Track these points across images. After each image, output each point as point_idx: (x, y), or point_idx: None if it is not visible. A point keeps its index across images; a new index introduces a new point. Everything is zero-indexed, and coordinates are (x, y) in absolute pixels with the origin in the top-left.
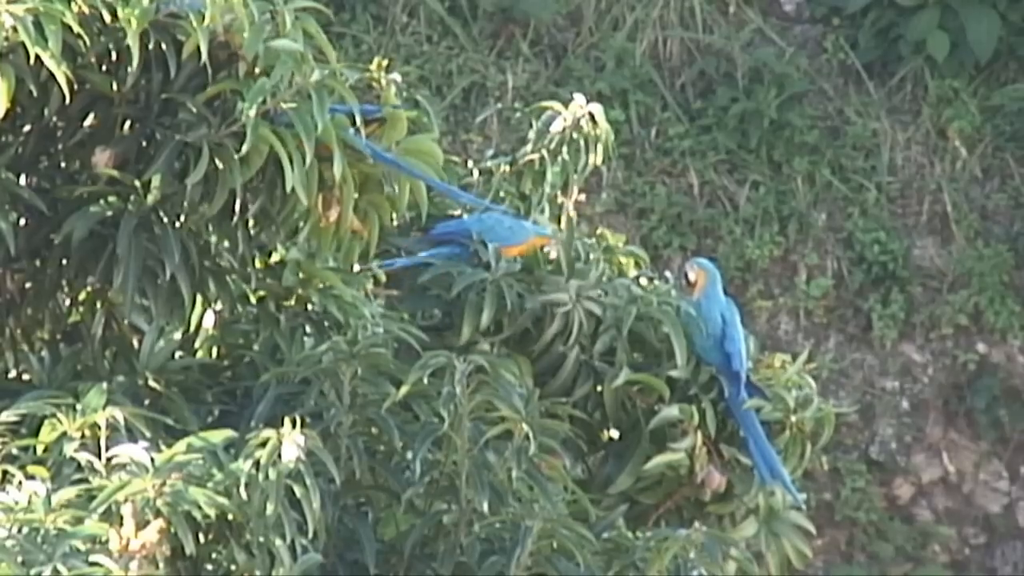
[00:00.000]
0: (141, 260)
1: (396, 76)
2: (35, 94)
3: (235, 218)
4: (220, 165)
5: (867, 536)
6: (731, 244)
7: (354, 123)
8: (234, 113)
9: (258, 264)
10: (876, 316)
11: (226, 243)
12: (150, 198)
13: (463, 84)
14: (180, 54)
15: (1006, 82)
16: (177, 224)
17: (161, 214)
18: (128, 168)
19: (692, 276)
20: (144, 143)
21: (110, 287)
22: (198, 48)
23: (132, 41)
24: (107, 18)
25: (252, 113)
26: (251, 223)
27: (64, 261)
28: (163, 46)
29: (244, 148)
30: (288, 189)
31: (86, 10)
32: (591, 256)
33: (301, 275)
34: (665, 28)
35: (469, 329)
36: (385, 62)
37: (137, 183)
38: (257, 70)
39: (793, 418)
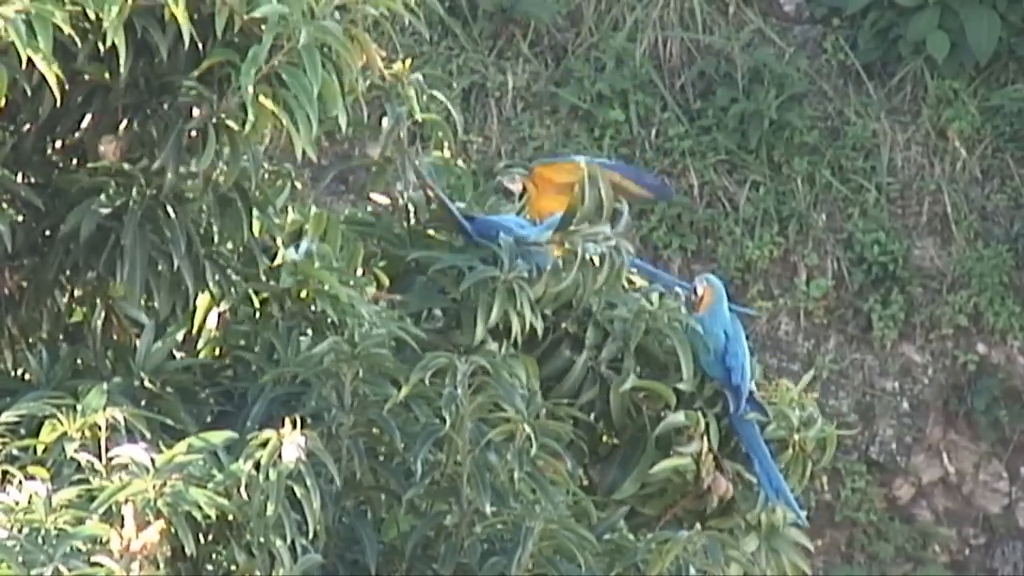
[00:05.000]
0: (147, 252)
1: (419, 76)
2: (29, 93)
3: (238, 204)
4: (227, 143)
5: (867, 536)
6: (731, 244)
7: None
8: (231, 83)
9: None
10: (876, 316)
11: (228, 241)
12: (165, 187)
13: (463, 84)
14: (167, 35)
15: (1006, 83)
16: (179, 214)
17: (167, 206)
18: (133, 155)
19: (700, 291)
20: (148, 128)
21: (111, 281)
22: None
23: (116, 37)
24: (92, 16)
25: (250, 89)
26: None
27: (64, 256)
28: (151, 32)
29: (246, 129)
30: (299, 154)
31: (74, 10)
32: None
33: (300, 276)
34: (665, 28)
35: (481, 329)
36: (408, 62)
37: (141, 174)
38: (238, 24)
39: (796, 437)
